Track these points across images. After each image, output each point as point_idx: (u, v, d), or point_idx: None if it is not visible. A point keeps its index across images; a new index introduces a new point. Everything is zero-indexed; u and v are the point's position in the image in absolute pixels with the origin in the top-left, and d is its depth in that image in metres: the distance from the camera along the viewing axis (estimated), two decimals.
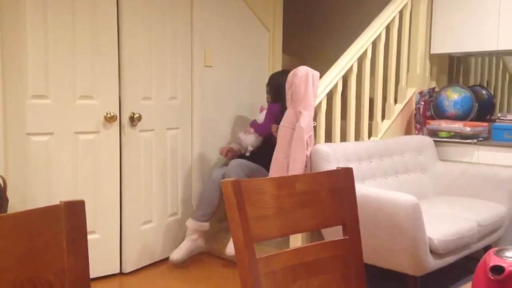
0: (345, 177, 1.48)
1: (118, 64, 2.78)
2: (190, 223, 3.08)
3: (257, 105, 3.76)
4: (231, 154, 3.36)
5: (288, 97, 2.71)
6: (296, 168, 2.65)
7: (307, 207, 1.41)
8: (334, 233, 1.55)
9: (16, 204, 2.27)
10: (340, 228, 1.48)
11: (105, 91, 2.73)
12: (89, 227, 2.64)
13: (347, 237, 1.41)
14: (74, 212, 1.01)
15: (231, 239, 3.00)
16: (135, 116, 2.85)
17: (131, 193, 2.90)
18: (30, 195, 2.44)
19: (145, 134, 2.96)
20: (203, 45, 3.31)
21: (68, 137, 2.60)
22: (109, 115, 2.73)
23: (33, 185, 2.46)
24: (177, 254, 2.99)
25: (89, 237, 2.67)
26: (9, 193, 2.16)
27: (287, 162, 2.72)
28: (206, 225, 3.08)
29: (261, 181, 1.47)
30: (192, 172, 3.33)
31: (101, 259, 2.78)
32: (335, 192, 1.46)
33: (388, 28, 3.28)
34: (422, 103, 3.42)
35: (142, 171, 2.96)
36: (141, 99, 2.92)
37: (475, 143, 3.12)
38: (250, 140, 3.30)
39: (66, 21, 2.54)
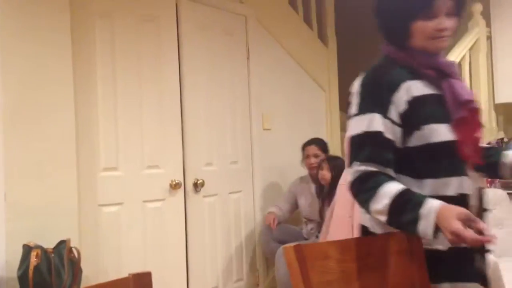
0: (412, 238, 1.42)
1: (181, 132, 2.90)
2: None
3: None
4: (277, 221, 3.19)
5: (346, 155, 2.69)
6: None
7: (373, 272, 1.36)
8: None
9: (89, 274, 2.35)
10: None
11: (170, 160, 2.84)
12: None
13: None
14: (142, 283, 1.05)
15: None
16: (198, 182, 2.93)
17: (197, 258, 2.93)
18: (102, 264, 2.53)
19: (208, 199, 3.02)
20: (260, 109, 3.41)
21: (137, 206, 2.70)
22: (174, 183, 2.82)
23: (105, 255, 2.55)
24: None
25: None
26: (83, 264, 2.25)
27: (351, 221, 2.65)
28: None
29: (324, 245, 1.45)
30: (255, 235, 3.32)
31: None
32: (404, 254, 1.40)
33: None
34: None
35: (206, 236, 3.00)
36: (204, 165, 3.01)
37: None
38: None
39: (134, 95, 2.72)
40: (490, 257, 1.88)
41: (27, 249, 2.06)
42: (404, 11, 1.28)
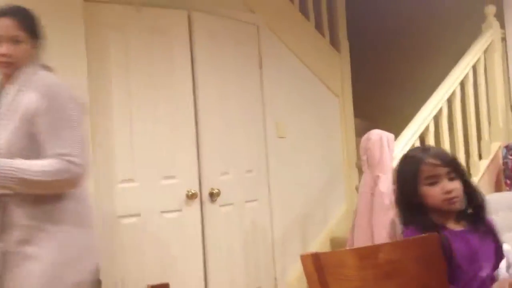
0: (431, 243, 1.41)
1: (196, 142, 2.92)
2: None
3: (333, 174, 3.73)
4: None
5: (363, 162, 2.69)
6: (382, 235, 2.56)
7: (392, 278, 1.35)
8: None
9: (108, 286, 2.36)
10: None
11: (186, 170, 2.86)
12: None
13: None
14: None
15: None
16: (214, 191, 2.93)
17: (215, 268, 2.93)
18: (121, 276, 2.54)
19: (225, 208, 3.02)
20: (274, 117, 3.40)
21: (154, 217, 2.72)
22: (190, 193, 2.83)
23: (123, 266, 2.57)
24: None
25: None
26: (102, 276, 2.26)
27: (371, 229, 2.63)
28: None
29: (342, 253, 1.44)
30: (273, 244, 3.30)
31: None
32: (422, 260, 1.39)
33: (462, 84, 3.21)
34: (510, 157, 3.23)
35: (224, 245, 2.99)
36: (219, 174, 3.01)
37: None
38: None
39: (148, 107, 2.75)
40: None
41: None
42: None
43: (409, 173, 1.48)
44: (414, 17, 4.37)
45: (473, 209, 1.49)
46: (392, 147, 2.67)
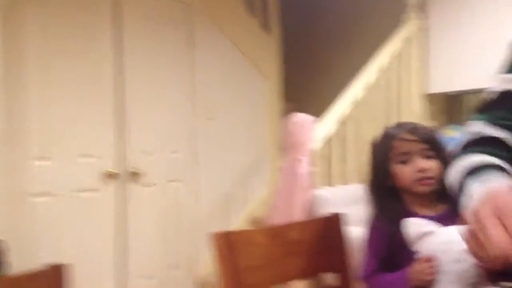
0: (335, 223, 1.48)
1: (119, 120, 2.85)
2: None
3: (259, 156, 3.79)
4: None
5: (286, 144, 2.76)
6: (299, 215, 2.65)
7: (298, 256, 1.41)
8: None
9: (20, 267, 2.27)
10: None
11: (106, 148, 2.79)
12: (91, 286, 2.61)
13: (340, 284, 1.40)
14: (60, 275, 1.04)
15: None
16: (137, 171, 2.89)
17: (135, 248, 2.90)
18: (33, 256, 2.46)
19: (147, 188, 2.99)
20: (203, 98, 3.39)
21: (69, 196, 2.64)
22: (110, 172, 2.78)
23: (35, 247, 2.48)
24: None
25: None
26: (13, 256, 2.18)
27: (289, 209, 2.72)
28: None
29: (252, 231, 1.48)
30: (195, 224, 3.32)
31: None
32: (326, 239, 1.46)
33: (382, 71, 3.35)
34: None
35: (145, 225, 2.97)
36: (144, 154, 2.97)
37: None
38: None
39: (68, 78, 2.64)
40: None
41: None
42: None
43: (381, 151, 1.33)
44: (342, 3, 4.48)
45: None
46: (313, 131, 2.76)
